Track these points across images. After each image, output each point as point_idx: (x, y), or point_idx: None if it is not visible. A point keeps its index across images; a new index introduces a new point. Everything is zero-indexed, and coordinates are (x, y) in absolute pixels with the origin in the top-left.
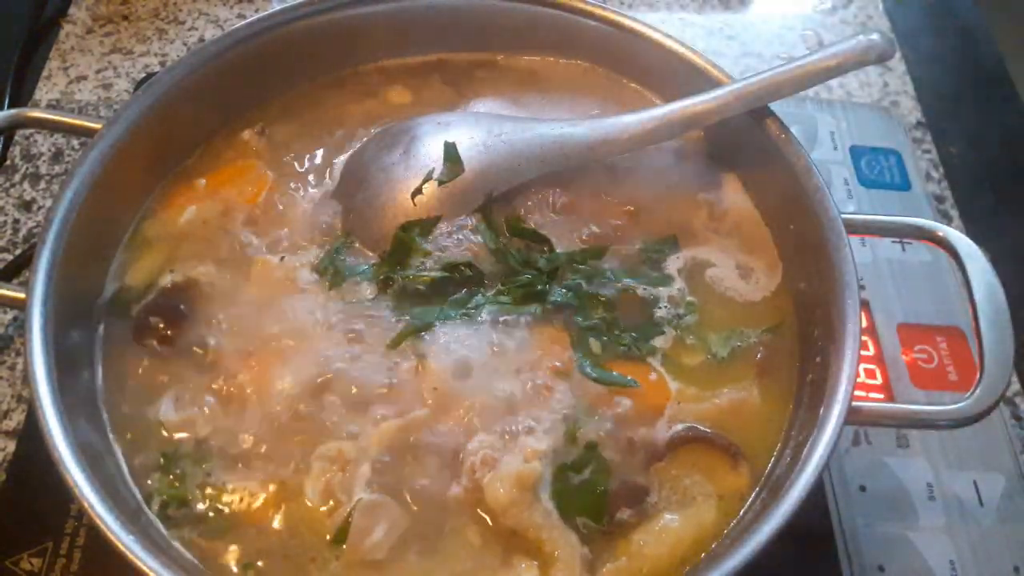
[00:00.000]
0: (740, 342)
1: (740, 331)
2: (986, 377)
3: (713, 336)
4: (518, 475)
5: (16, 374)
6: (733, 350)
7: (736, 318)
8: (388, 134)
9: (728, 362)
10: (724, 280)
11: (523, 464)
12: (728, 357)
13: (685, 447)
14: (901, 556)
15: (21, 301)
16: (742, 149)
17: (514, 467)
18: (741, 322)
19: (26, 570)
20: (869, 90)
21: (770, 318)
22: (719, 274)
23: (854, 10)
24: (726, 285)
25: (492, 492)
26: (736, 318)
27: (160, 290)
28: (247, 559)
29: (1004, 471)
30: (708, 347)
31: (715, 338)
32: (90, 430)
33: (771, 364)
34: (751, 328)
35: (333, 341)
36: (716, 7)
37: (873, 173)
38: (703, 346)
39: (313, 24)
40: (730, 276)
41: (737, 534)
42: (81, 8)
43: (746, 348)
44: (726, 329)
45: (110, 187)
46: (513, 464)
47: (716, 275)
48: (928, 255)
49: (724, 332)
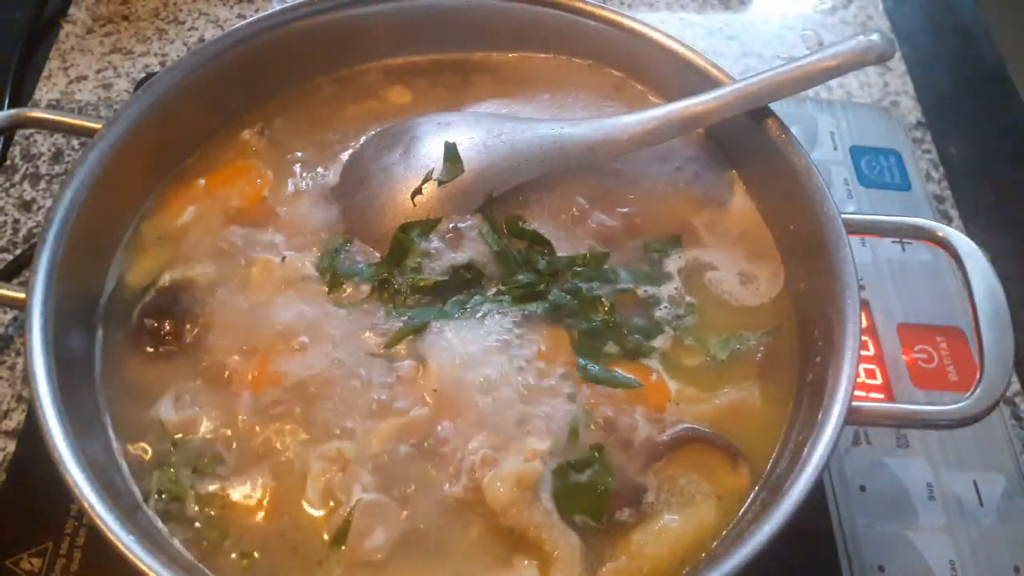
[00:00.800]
0: (739, 345)
1: (739, 334)
2: (986, 377)
3: (712, 339)
4: (518, 474)
5: (16, 374)
6: (732, 352)
7: (735, 320)
8: (388, 134)
9: (728, 364)
10: (724, 283)
11: (523, 464)
12: (728, 359)
13: (685, 448)
14: (901, 556)
15: (21, 301)
16: (742, 149)
17: (514, 467)
18: (740, 325)
19: (26, 570)
20: (869, 90)
21: (770, 320)
22: (719, 276)
23: (854, 10)
24: (725, 288)
25: (492, 491)
26: (735, 320)
27: (159, 290)
28: (247, 559)
29: (1004, 471)
30: (707, 349)
31: (714, 340)
32: (90, 430)
33: (771, 365)
34: (751, 331)
35: (333, 341)
36: (716, 7)
37: (873, 173)
38: (702, 348)
39: (313, 24)
40: (730, 279)
41: (737, 534)
42: (81, 8)
43: (745, 350)
44: (725, 331)
45: (110, 187)
46: (513, 464)
47: (716, 277)
48: (928, 255)
49: (723, 335)
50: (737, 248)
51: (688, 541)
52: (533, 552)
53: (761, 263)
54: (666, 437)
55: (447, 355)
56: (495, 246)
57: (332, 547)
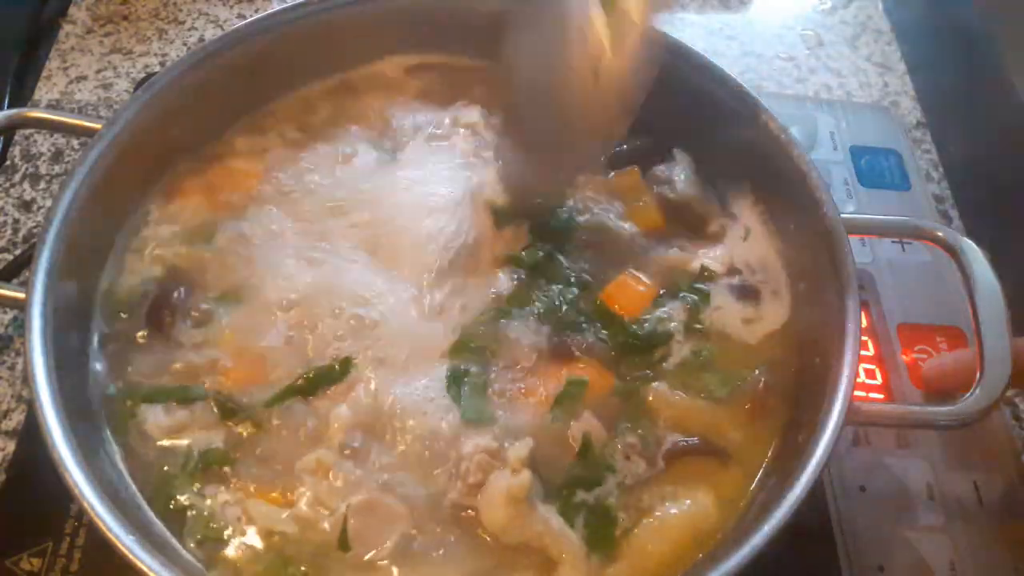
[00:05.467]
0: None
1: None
2: (986, 377)
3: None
4: (508, 491)
5: (16, 374)
6: (732, 388)
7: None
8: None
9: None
10: (723, 285)
11: (511, 477)
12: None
13: (680, 450)
14: (901, 556)
15: (21, 301)
16: (742, 151)
17: (503, 484)
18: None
19: (26, 570)
20: (869, 90)
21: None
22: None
23: (854, 10)
24: (723, 287)
25: (489, 516)
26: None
27: (159, 289)
28: (247, 557)
29: (1004, 471)
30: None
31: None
32: (90, 430)
33: (771, 365)
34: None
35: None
36: (716, 7)
37: (873, 173)
38: (701, 353)
39: (313, 24)
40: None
41: (737, 534)
42: (81, 8)
43: (747, 382)
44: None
45: (110, 187)
46: (501, 481)
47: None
48: (928, 255)
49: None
50: (732, 240)
51: (688, 540)
52: (538, 553)
53: (758, 257)
54: (663, 439)
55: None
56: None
57: (336, 551)
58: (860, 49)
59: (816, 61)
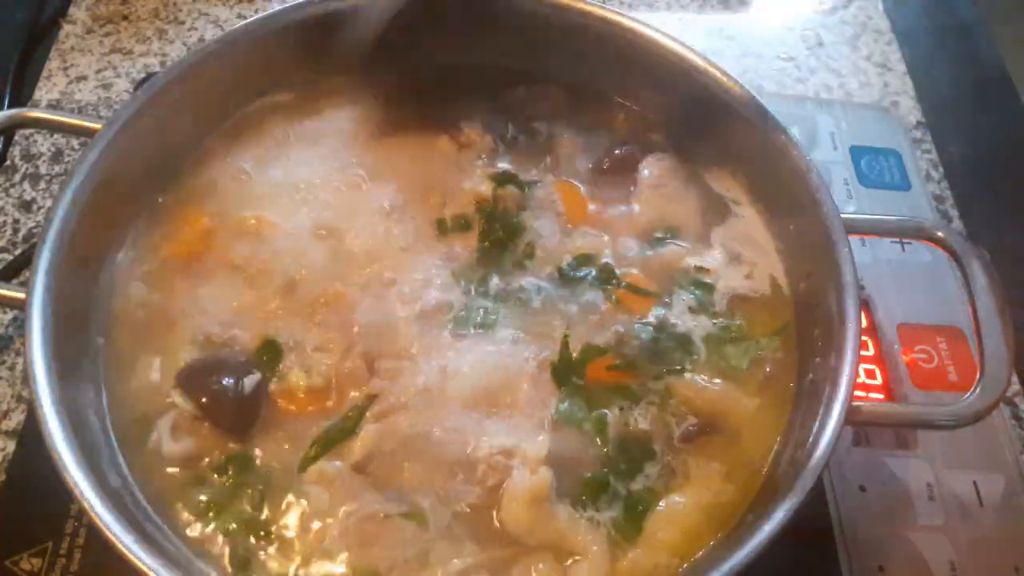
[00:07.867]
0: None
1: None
2: (986, 377)
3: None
4: (529, 491)
5: (16, 374)
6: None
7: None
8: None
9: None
10: (722, 283)
11: (530, 477)
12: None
13: (692, 434)
14: (901, 556)
15: (21, 301)
16: (742, 150)
17: (524, 484)
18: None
19: (26, 570)
20: (869, 90)
21: (770, 320)
22: (719, 277)
23: (854, 10)
24: (723, 286)
25: (511, 517)
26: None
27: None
28: (245, 560)
29: (1004, 471)
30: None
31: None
32: (90, 430)
33: (771, 365)
34: (753, 332)
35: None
36: (716, 7)
37: (873, 173)
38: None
39: (313, 24)
40: (730, 278)
41: (737, 534)
42: (81, 8)
43: (747, 352)
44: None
45: (110, 187)
46: (522, 481)
47: (716, 278)
48: (928, 255)
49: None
50: (732, 240)
51: (703, 520)
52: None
53: (757, 256)
54: (673, 426)
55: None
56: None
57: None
58: (860, 49)
59: (816, 61)
